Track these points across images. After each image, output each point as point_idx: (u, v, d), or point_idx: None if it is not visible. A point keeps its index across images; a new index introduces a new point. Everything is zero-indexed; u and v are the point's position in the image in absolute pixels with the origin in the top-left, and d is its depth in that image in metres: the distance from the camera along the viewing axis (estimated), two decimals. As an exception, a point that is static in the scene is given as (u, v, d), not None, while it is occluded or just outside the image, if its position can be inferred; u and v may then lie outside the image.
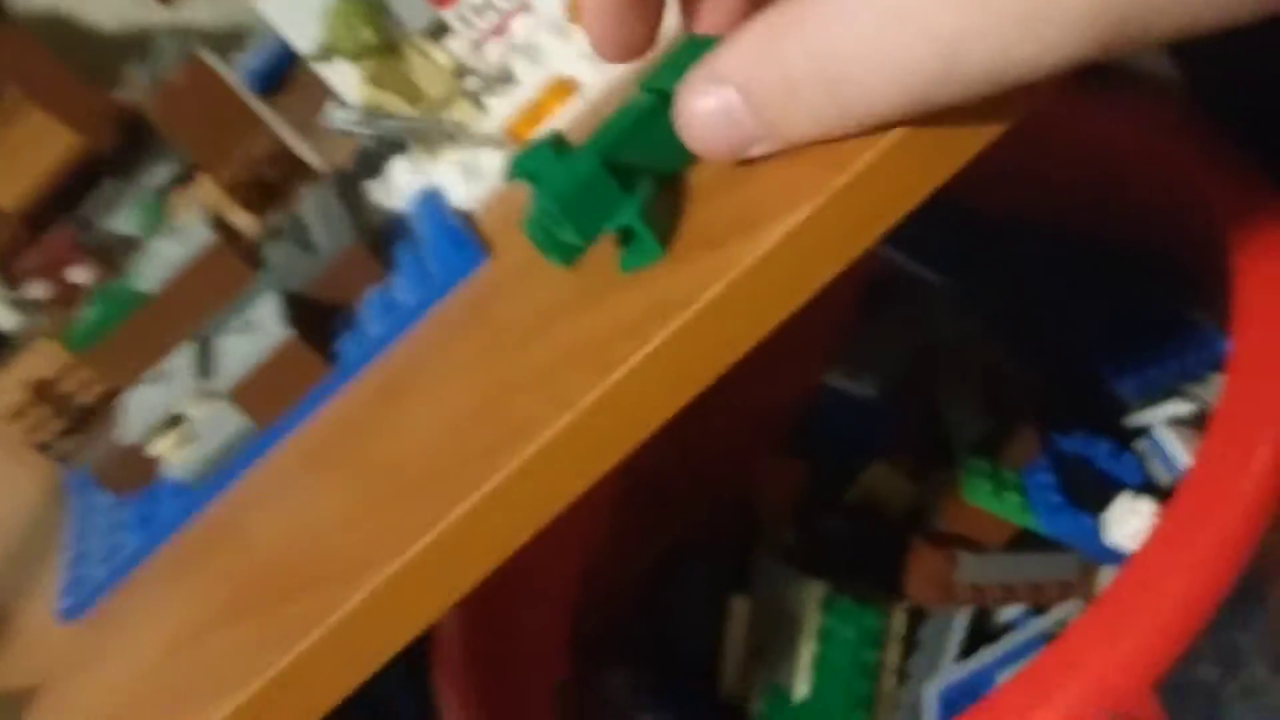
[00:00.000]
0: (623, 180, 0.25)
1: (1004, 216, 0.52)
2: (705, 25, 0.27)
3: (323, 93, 0.43)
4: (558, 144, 0.27)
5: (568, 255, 0.26)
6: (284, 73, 0.64)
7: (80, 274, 0.37)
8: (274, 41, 0.64)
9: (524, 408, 0.24)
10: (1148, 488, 0.44)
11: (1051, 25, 0.19)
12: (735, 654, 0.53)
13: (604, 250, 0.26)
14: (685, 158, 0.26)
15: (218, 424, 0.31)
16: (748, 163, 0.24)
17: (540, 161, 0.26)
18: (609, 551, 0.60)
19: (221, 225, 0.33)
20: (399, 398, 0.29)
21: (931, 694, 0.45)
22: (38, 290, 0.37)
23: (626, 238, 0.25)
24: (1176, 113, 0.46)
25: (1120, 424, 0.48)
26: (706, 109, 0.23)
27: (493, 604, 0.54)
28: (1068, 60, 0.19)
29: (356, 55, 0.35)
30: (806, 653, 0.48)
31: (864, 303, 0.58)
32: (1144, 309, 0.48)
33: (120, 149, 0.62)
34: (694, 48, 0.25)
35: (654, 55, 0.27)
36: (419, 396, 0.28)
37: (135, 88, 0.35)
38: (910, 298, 0.54)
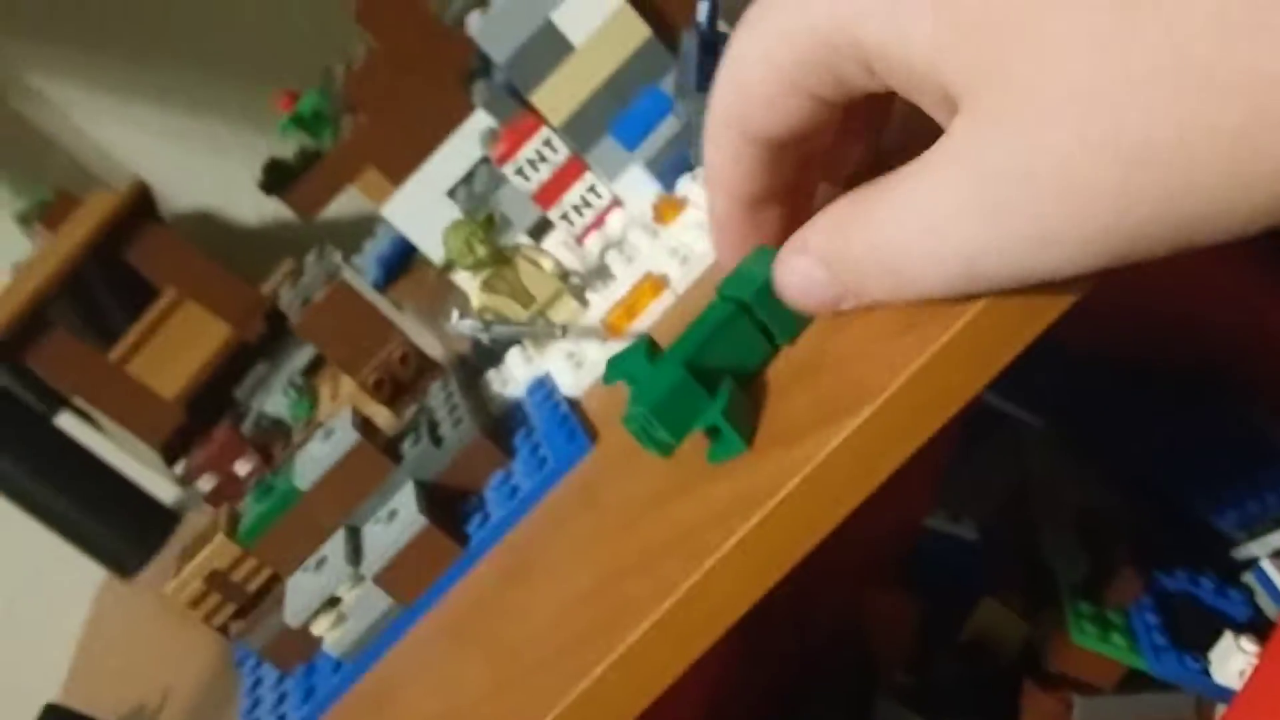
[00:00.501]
0: (708, 382, 0.29)
1: (1096, 357, 0.53)
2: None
3: (445, 279, 0.48)
4: (649, 347, 0.31)
5: (664, 449, 0.30)
6: (410, 254, 0.70)
7: (244, 465, 0.42)
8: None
9: (631, 590, 0.28)
10: (1256, 622, 0.44)
11: (1063, 247, 0.22)
12: (860, 798, 0.53)
13: (700, 438, 0.29)
14: (761, 357, 0.30)
15: (367, 605, 0.35)
16: (821, 363, 0.28)
17: (633, 363, 0.30)
18: (730, 689, 0.61)
19: (366, 425, 0.37)
20: (523, 578, 0.32)
21: (1058, 838, 0.45)
22: (209, 482, 0.42)
23: (714, 434, 0.28)
24: (1251, 251, 0.48)
25: (1227, 558, 0.48)
26: (796, 274, 0.27)
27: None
28: (1082, 271, 0.23)
29: (474, 268, 0.39)
30: (928, 796, 0.49)
31: (964, 442, 0.60)
32: (1242, 441, 0.49)
33: (265, 336, 0.69)
34: (764, 256, 0.29)
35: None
36: (541, 576, 0.32)
37: (286, 308, 0.40)
38: (1006, 436, 0.56)
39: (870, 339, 0.27)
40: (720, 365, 0.29)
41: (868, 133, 0.30)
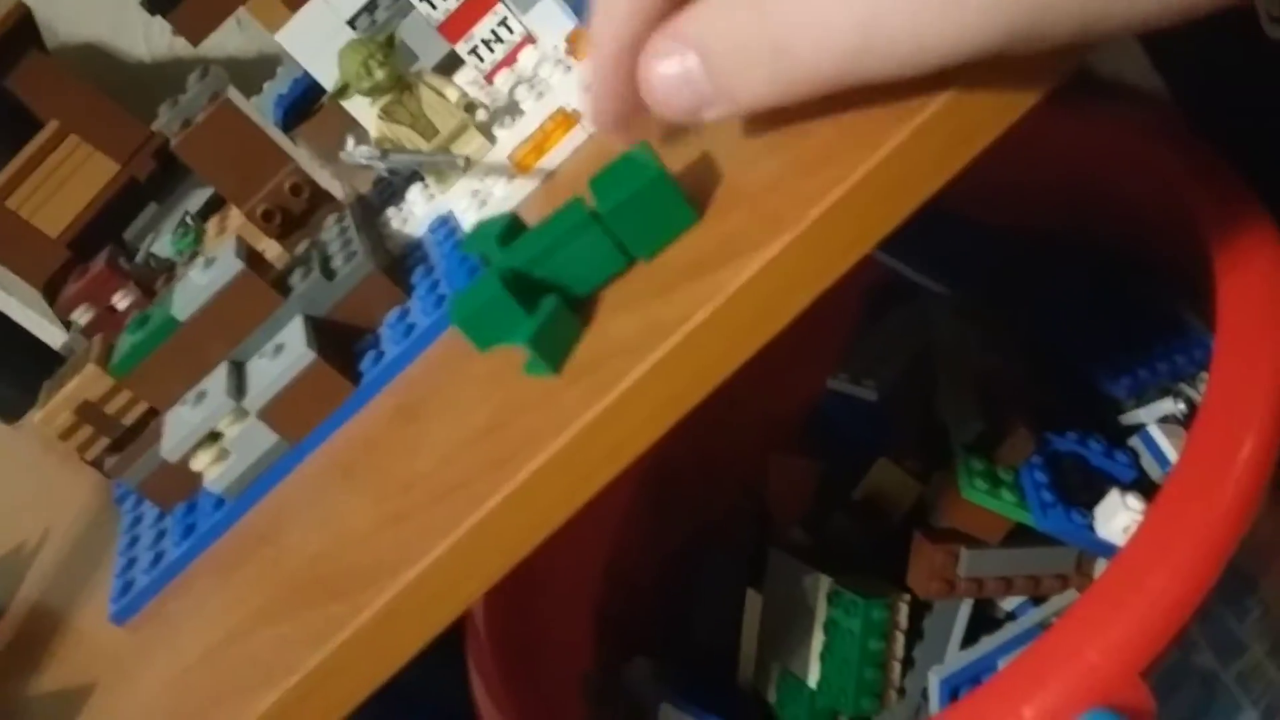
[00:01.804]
0: (531, 298, 0.27)
1: (996, 224, 0.54)
2: None
3: (347, 119, 0.45)
4: (510, 226, 0.29)
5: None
6: (313, 99, 0.67)
7: (123, 299, 0.40)
8: (302, 70, 0.66)
9: (529, 423, 0.27)
10: (1141, 484, 0.46)
11: (965, 8, 0.20)
12: (750, 645, 0.55)
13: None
14: (618, 265, 0.28)
15: (251, 441, 0.33)
16: (730, 200, 0.27)
17: (487, 242, 0.29)
18: (629, 547, 0.62)
19: (251, 255, 0.35)
20: (417, 415, 0.31)
21: (936, 681, 0.47)
22: (84, 315, 0.40)
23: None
24: (1161, 121, 0.48)
25: (1114, 422, 0.49)
26: (668, 72, 0.24)
27: (519, 597, 0.56)
28: (979, 46, 0.21)
29: (371, 93, 0.37)
30: (815, 643, 0.50)
31: (865, 309, 0.60)
32: (1135, 311, 0.50)
33: (157, 176, 0.66)
34: (635, 160, 0.27)
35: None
36: (435, 414, 0.31)
37: (165, 128, 0.38)
38: (909, 304, 0.56)
39: (785, 175, 0.26)
40: (560, 276, 0.28)
41: None
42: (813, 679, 0.50)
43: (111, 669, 0.33)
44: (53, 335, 0.69)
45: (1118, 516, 0.42)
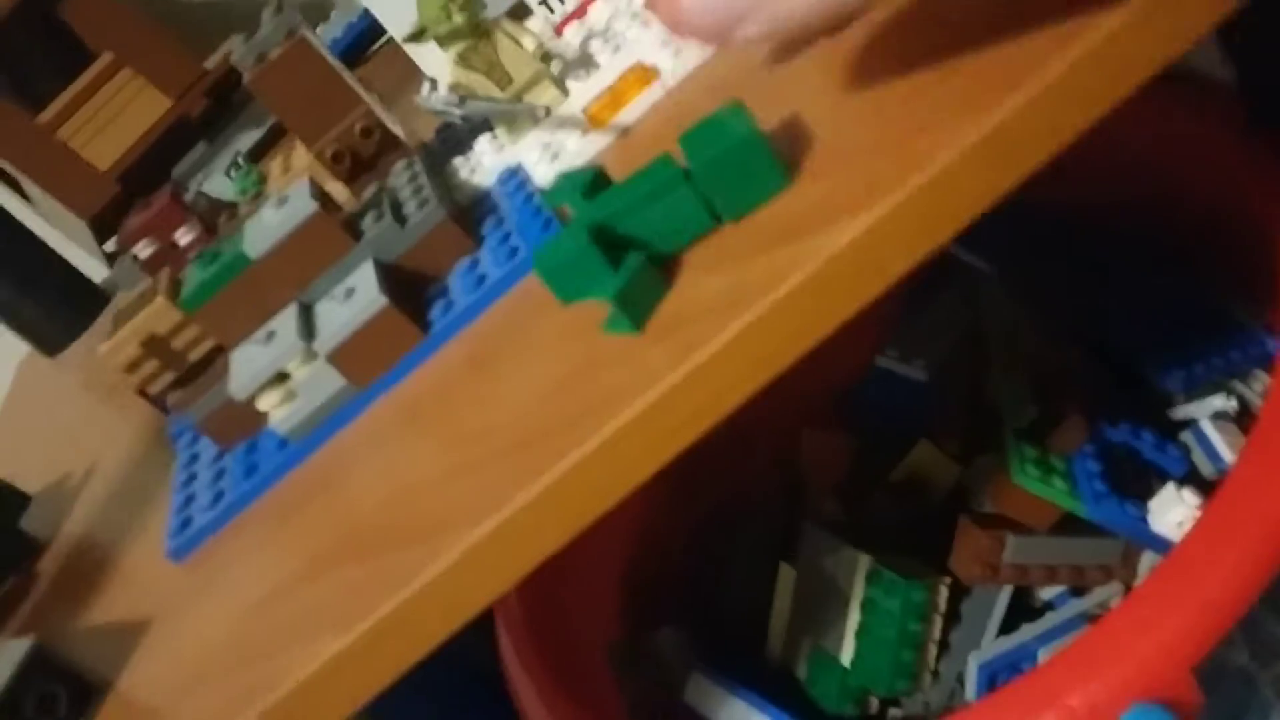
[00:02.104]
0: (617, 254, 0.27)
1: (1057, 210, 0.53)
2: None
3: (403, 66, 0.45)
4: (595, 179, 0.29)
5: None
6: (365, 45, 0.66)
7: (185, 235, 0.39)
8: (355, 14, 0.66)
9: (608, 382, 0.26)
10: (1190, 479, 0.45)
11: None
12: (781, 619, 0.55)
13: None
14: (683, 241, 0.28)
15: (318, 383, 0.33)
16: (825, 165, 0.26)
17: (572, 192, 0.29)
18: (659, 515, 0.62)
19: (324, 196, 0.35)
20: (488, 367, 0.31)
21: (974, 666, 0.47)
22: (146, 249, 0.39)
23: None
24: (1228, 114, 0.47)
25: (1166, 416, 0.49)
26: None
27: (548, 564, 0.56)
28: None
29: (448, 39, 0.36)
30: (851, 621, 0.50)
31: (916, 287, 0.59)
32: (1192, 306, 0.49)
33: (209, 113, 0.65)
34: (731, 115, 0.27)
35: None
36: (507, 366, 0.31)
37: (239, 63, 0.37)
38: (962, 284, 0.55)
39: (885, 139, 0.26)
40: (646, 233, 0.27)
41: None
42: (847, 657, 0.50)
43: (167, 606, 0.33)
44: (95, 270, 0.69)
45: (1173, 510, 0.42)
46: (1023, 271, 0.54)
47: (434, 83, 0.37)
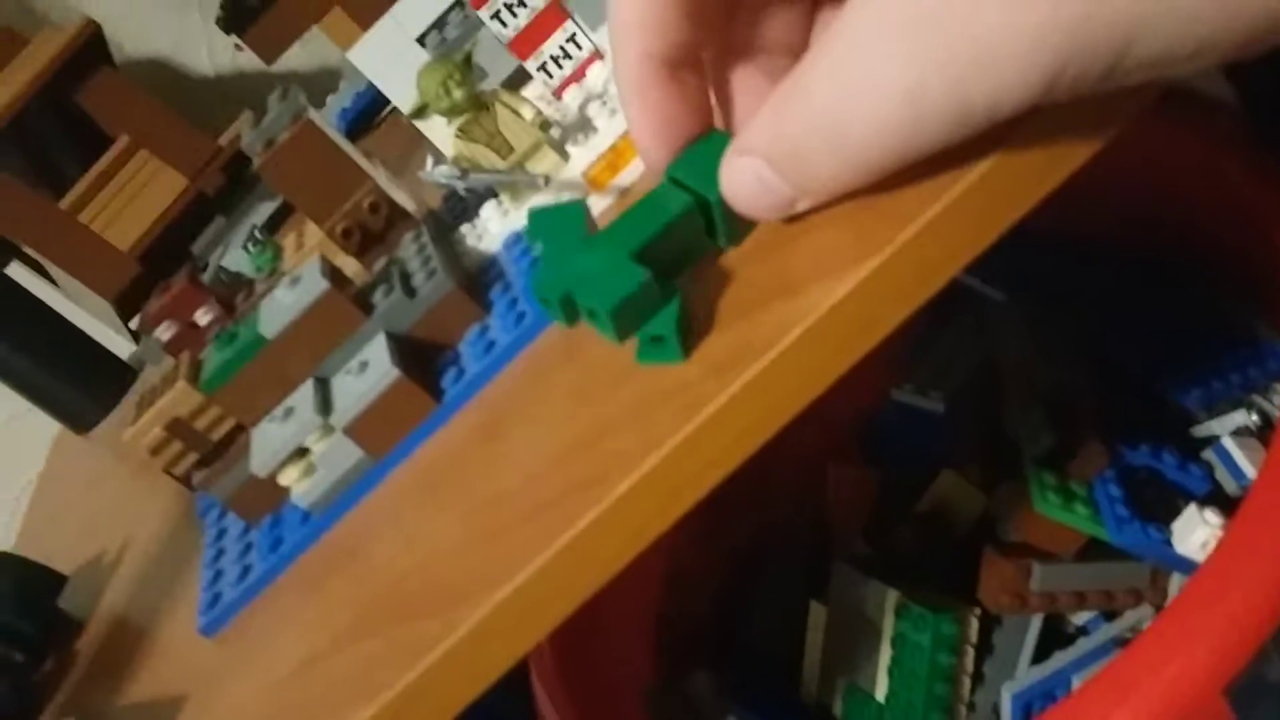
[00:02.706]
0: (661, 284, 0.27)
1: (1066, 235, 0.53)
2: (740, 114, 0.28)
3: (411, 131, 0.46)
4: (584, 216, 0.29)
5: (572, 321, 0.28)
6: (374, 112, 0.68)
7: (205, 315, 0.40)
8: (363, 84, 0.67)
9: (617, 444, 0.27)
10: (1215, 497, 0.45)
11: (1000, 64, 0.21)
12: (814, 657, 0.55)
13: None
14: (703, 250, 0.28)
15: (337, 456, 0.34)
16: (815, 220, 0.27)
17: (563, 231, 0.29)
18: (687, 559, 0.62)
19: (335, 273, 0.36)
20: (500, 432, 0.32)
21: (1008, 696, 0.47)
22: (167, 331, 0.41)
23: (655, 339, 0.27)
24: (1231, 130, 0.47)
25: (1188, 435, 0.49)
26: (743, 181, 0.26)
27: (579, 614, 0.57)
28: (1021, 99, 0.21)
29: (449, 113, 0.38)
30: (883, 657, 0.50)
31: (928, 317, 0.59)
32: (1208, 323, 0.49)
33: (224, 189, 0.67)
34: (717, 143, 0.27)
35: None
36: (518, 431, 0.31)
37: (248, 149, 0.38)
38: (974, 313, 0.55)
39: (877, 190, 0.26)
40: (665, 262, 0.27)
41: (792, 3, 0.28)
42: (880, 693, 0.50)
43: (201, 681, 0.33)
44: (121, 346, 0.71)
45: (1196, 532, 0.42)
46: (1034, 298, 0.54)
47: (437, 157, 0.38)
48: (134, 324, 0.68)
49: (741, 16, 0.27)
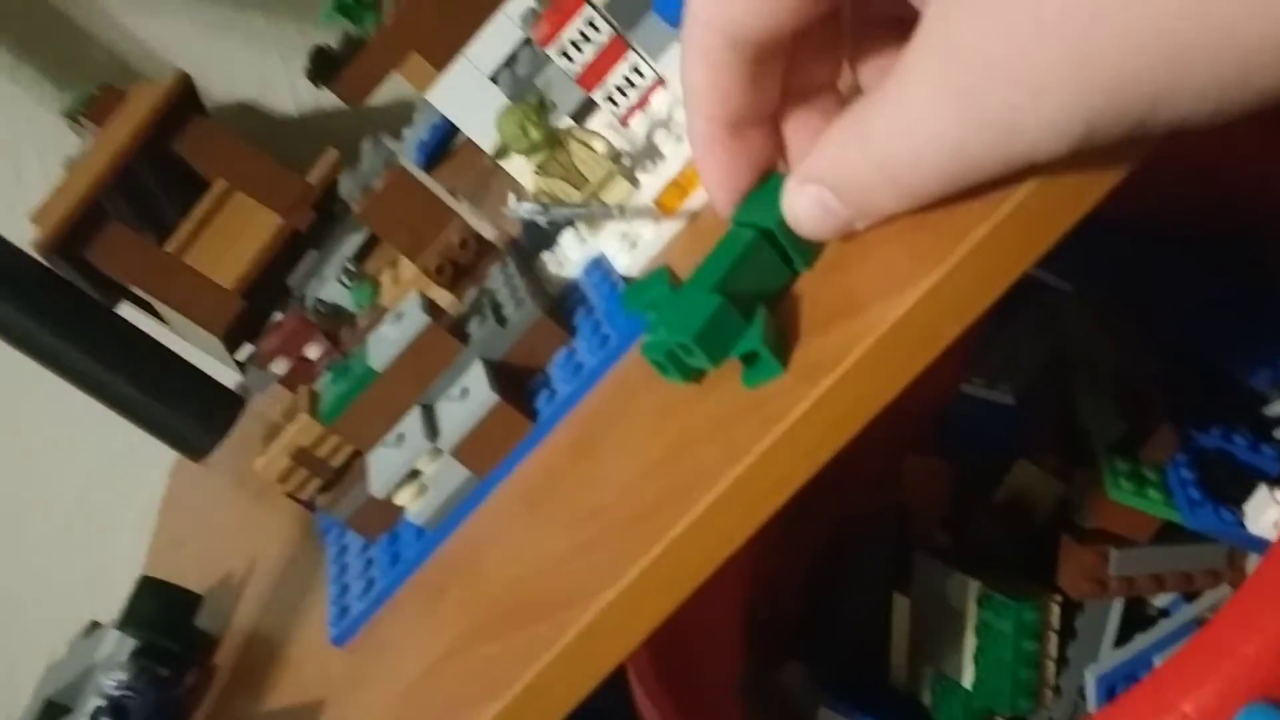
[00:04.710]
0: (742, 310, 0.29)
1: (1128, 222, 0.54)
2: (794, 149, 0.31)
3: (486, 159, 0.49)
4: (669, 276, 0.32)
5: (690, 376, 0.31)
6: (448, 140, 0.71)
7: (314, 349, 0.44)
8: (438, 116, 0.71)
9: (702, 457, 0.29)
10: (1289, 476, 0.46)
11: (1042, 113, 0.23)
12: (900, 647, 0.56)
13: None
14: (780, 284, 0.31)
15: (446, 476, 0.37)
16: (875, 240, 0.29)
17: (655, 292, 0.32)
18: (774, 551, 0.64)
19: (433, 307, 0.39)
20: (593, 449, 0.34)
21: (1092, 679, 0.48)
22: (280, 366, 0.44)
23: (750, 359, 0.29)
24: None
25: (1259, 415, 0.49)
26: (807, 206, 0.28)
27: (673, 614, 0.59)
28: (1062, 144, 0.23)
29: (528, 152, 0.40)
30: (968, 645, 0.52)
31: (997, 312, 0.61)
32: (1269, 300, 0.50)
33: (314, 224, 0.71)
34: (775, 183, 0.30)
35: None
36: (609, 447, 0.34)
37: (347, 196, 0.42)
38: (1042, 304, 0.57)
39: (928, 211, 0.28)
40: (748, 292, 0.30)
41: (838, 48, 0.30)
42: (968, 680, 0.51)
43: (337, 688, 0.37)
44: (227, 378, 0.76)
45: (1268, 511, 0.43)
46: (1100, 287, 0.56)
47: (519, 193, 0.40)
48: (239, 356, 0.72)
49: (792, 67, 0.30)
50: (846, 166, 0.27)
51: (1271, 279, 0.51)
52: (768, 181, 0.30)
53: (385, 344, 0.38)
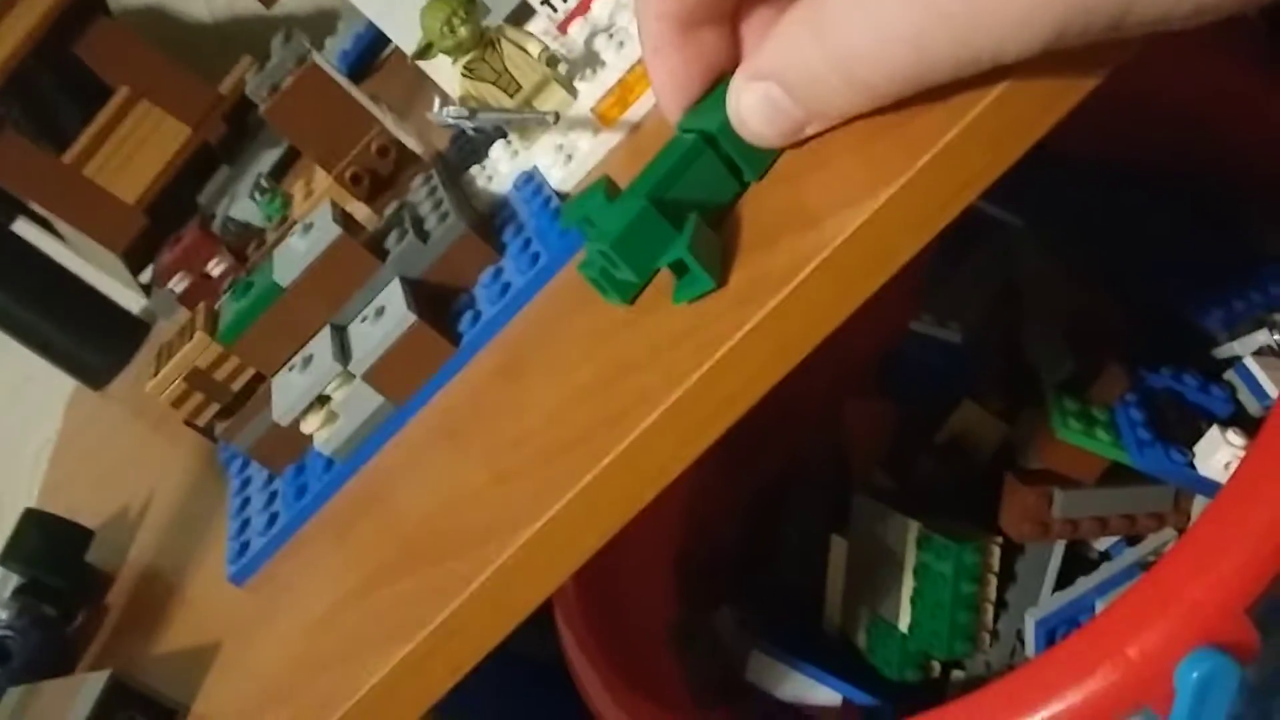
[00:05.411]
0: (672, 218, 0.27)
1: (1082, 158, 0.52)
2: (748, 47, 0.28)
3: (414, 72, 0.45)
4: (607, 187, 0.29)
5: (626, 293, 0.28)
6: (374, 53, 0.67)
7: (217, 266, 0.40)
8: (363, 24, 0.66)
9: (638, 382, 0.27)
10: (1238, 418, 0.45)
11: (998, 22, 0.21)
12: (836, 590, 0.55)
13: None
14: (729, 196, 0.28)
15: (357, 403, 0.34)
16: (829, 150, 0.26)
17: (591, 205, 0.29)
18: (709, 495, 0.63)
19: (347, 219, 0.36)
20: (520, 374, 0.32)
21: (1032, 623, 0.47)
22: (180, 283, 0.40)
23: (680, 271, 0.27)
24: (1254, 50, 0.46)
25: (1209, 357, 0.48)
26: (752, 103, 0.26)
27: (601, 553, 0.57)
28: (1027, 45, 0.22)
29: (454, 51, 0.37)
30: (905, 588, 0.50)
31: (946, 245, 0.59)
32: (1227, 243, 0.49)
33: (227, 138, 0.66)
34: (722, 86, 0.27)
35: None
36: (538, 372, 0.31)
37: (253, 94, 0.38)
38: (993, 240, 0.55)
39: (890, 116, 0.26)
40: (686, 201, 0.27)
41: None
42: (904, 623, 0.50)
43: (235, 628, 0.34)
44: (132, 301, 0.71)
45: (1219, 453, 0.42)
46: (1052, 222, 0.54)
47: (444, 98, 0.37)
48: (144, 278, 0.68)
49: None
50: (798, 60, 0.25)
51: (1226, 220, 0.50)
52: (720, 86, 0.28)
53: (292, 257, 0.35)
